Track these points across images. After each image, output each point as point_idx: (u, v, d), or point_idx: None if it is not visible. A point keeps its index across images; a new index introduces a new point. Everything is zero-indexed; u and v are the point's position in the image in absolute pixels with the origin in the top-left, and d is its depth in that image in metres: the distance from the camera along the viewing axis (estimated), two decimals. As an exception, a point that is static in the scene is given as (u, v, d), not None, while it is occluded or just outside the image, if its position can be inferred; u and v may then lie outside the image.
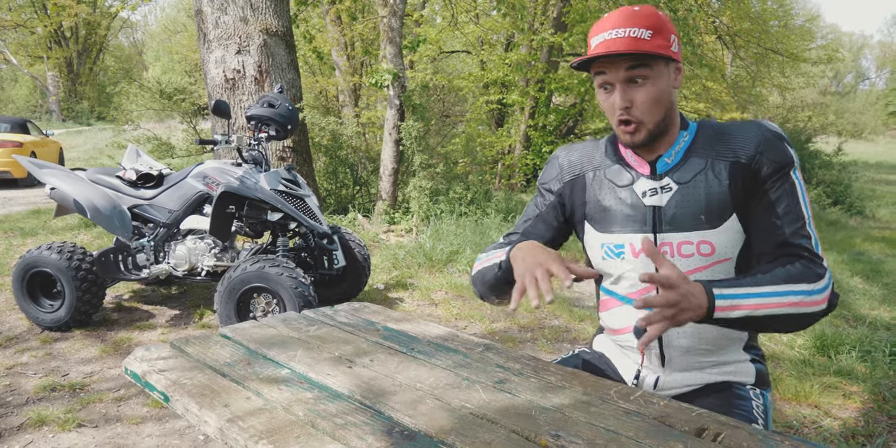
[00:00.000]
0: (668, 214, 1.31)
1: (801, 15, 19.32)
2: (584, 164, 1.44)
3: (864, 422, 2.65)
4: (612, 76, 1.26)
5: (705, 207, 1.29)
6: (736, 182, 1.27)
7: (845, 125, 26.54)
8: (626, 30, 1.23)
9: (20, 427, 2.54)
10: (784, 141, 1.28)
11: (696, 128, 1.35)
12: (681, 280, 1.10)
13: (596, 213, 1.40)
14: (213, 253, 3.74)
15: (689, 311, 1.10)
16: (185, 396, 1.15)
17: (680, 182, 1.31)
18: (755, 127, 1.29)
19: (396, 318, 1.64)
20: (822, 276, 1.20)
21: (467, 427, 1.04)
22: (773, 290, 1.16)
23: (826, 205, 9.04)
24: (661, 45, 1.24)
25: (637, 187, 1.35)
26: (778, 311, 1.15)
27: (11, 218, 7.32)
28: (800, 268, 1.20)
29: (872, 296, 4.69)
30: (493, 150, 10.83)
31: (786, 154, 1.27)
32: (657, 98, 1.27)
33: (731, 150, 1.29)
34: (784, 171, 1.26)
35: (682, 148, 1.33)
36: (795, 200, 1.26)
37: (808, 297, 1.16)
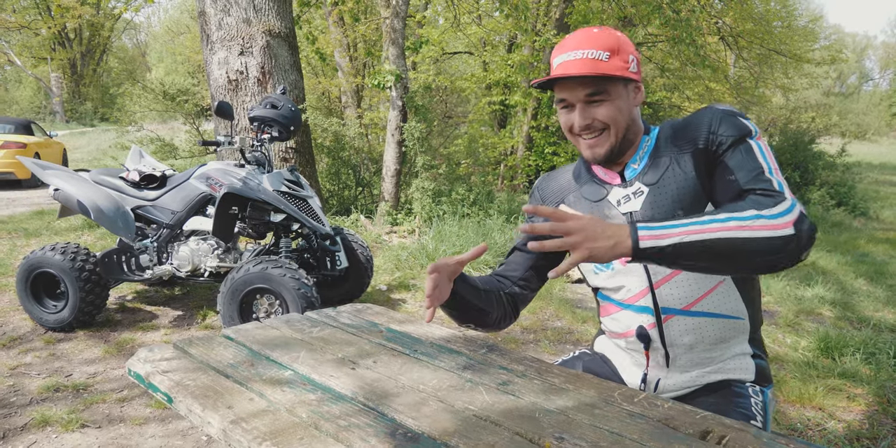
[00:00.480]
0: (645, 217, 1.31)
1: (805, 16, 19.30)
2: (563, 190, 1.47)
3: (868, 424, 2.64)
4: (571, 97, 1.29)
5: (680, 201, 1.28)
6: (700, 168, 1.27)
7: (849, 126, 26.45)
8: (585, 51, 1.26)
9: (24, 427, 2.54)
10: (737, 115, 1.27)
11: (657, 131, 1.37)
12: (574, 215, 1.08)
13: None
14: (216, 254, 3.74)
15: (602, 239, 1.04)
16: (189, 398, 1.15)
17: (649, 183, 1.32)
18: (706, 111, 1.30)
19: (399, 319, 1.64)
20: (779, 202, 1.08)
21: (471, 429, 1.04)
22: (713, 217, 1.06)
23: (830, 206, 9.01)
24: (618, 66, 1.26)
25: (611, 198, 1.36)
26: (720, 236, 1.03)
27: (15, 219, 7.34)
28: (758, 198, 1.11)
29: (877, 297, 4.68)
30: (495, 151, 10.82)
31: (739, 125, 1.26)
32: (616, 115, 1.28)
33: (689, 140, 1.29)
34: (740, 139, 1.24)
35: (647, 152, 1.34)
36: (752, 156, 1.22)
37: (757, 221, 1.04)
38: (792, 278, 5.10)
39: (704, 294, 1.33)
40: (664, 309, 1.35)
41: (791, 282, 4.98)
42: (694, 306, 1.33)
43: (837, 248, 6.65)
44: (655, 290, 1.34)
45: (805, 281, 5.03)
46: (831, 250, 6.51)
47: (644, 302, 1.37)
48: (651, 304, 1.36)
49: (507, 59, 10.63)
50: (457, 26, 10.76)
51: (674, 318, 1.35)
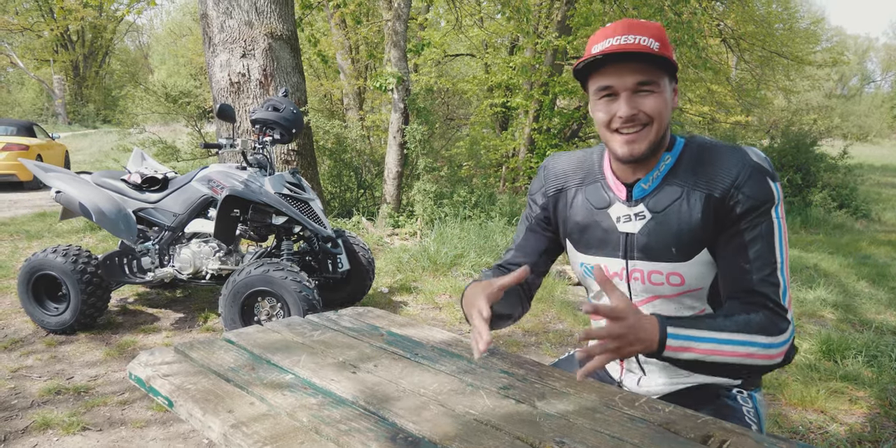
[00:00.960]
0: (640, 242, 1.27)
1: (806, 18, 19.31)
2: (568, 176, 1.40)
3: (870, 427, 2.64)
4: (619, 84, 1.19)
5: (676, 240, 1.24)
6: (708, 216, 1.21)
7: (851, 128, 26.46)
8: (636, 37, 1.17)
9: (25, 430, 2.55)
10: (767, 174, 1.19)
11: (681, 149, 1.28)
12: (629, 312, 1.06)
13: (574, 232, 1.37)
14: (218, 256, 3.75)
15: (637, 344, 1.06)
16: (189, 401, 1.15)
17: (654, 210, 1.26)
18: (738, 156, 1.21)
19: (401, 322, 1.64)
20: (783, 331, 1.15)
21: (471, 433, 1.04)
22: (730, 338, 1.11)
23: (832, 208, 8.99)
24: (669, 58, 1.18)
25: (612, 212, 1.31)
26: (729, 360, 1.11)
27: (17, 221, 7.35)
28: (762, 319, 1.15)
29: (879, 300, 4.67)
30: (497, 153, 10.83)
31: (766, 190, 1.19)
32: (662, 109, 1.20)
33: (709, 180, 1.22)
34: (762, 209, 1.19)
35: (662, 173, 1.26)
36: (770, 243, 1.19)
37: (764, 350, 1.12)
38: (794, 281, 5.09)
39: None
40: None
41: (793, 284, 4.97)
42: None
43: (839, 251, 6.64)
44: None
45: (807, 283, 5.02)
46: (833, 252, 6.50)
47: None
48: None
49: (509, 62, 10.64)
50: (458, 28, 10.78)
51: None
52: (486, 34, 11.58)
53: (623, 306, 1.05)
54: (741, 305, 1.18)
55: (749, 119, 14.87)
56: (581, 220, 1.35)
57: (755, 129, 14.51)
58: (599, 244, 1.33)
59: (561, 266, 5.36)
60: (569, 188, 1.38)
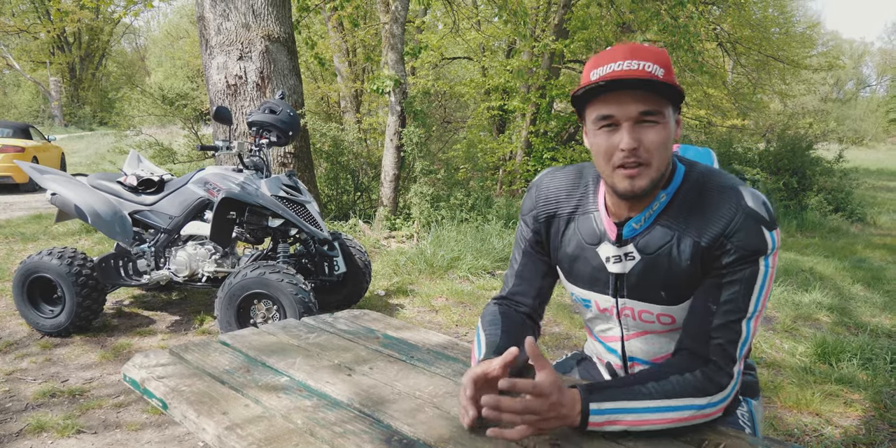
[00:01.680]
0: (630, 283, 1.23)
1: (802, 22, 19.38)
2: (560, 202, 1.31)
3: (865, 430, 2.64)
4: (621, 113, 1.10)
5: (665, 285, 1.20)
6: (696, 264, 1.16)
7: (846, 132, 26.58)
8: (640, 62, 1.09)
9: (19, 433, 2.54)
10: (762, 223, 1.11)
11: (678, 186, 1.19)
12: (552, 389, 1.00)
13: (565, 263, 1.32)
14: (214, 259, 3.74)
15: (556, 420, 1.01)
16: (184, 404, 1.15)
17: (644, 252, 1.20)
18: (733, 202, 1.13)
19: (396, 325, 1.64)
20: (723, 388, 1.09)
21: (466, 436, 1.04)
22: (660, 405, 1.05)
23: (827, 212, 9.03)
24: (675, 86, 1.10)
25: (601, 251, 1.25)
26: (661, 427, 1.06)
27: (12, 223, 7.33)
28: (699, 378, 1.08)
29: (874, 303, 4.68)
30: (494, 156, 10.84)
31: (758, 240, 1.11)
32: (666, 142, 1.12)
33: (699, 226, 1.15)
34: (751, 258, 1.12)
35: (654, 213, 1.19)
36: (747, 290, 1.12)
37: (699, 411, 1.07)
38: (789, 284, 5.10)
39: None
40: (631, 357, 1.34)
41: (788, 287, 4.98)
42: (662, 360, 1.30)
43: (835, 254, 6.66)
44: (626, 341, 1.33)
45: (802, 286, 5.03)
46: (829, 256, 6.52)
47: (614, 346, 1.35)
48: (619, 351, 1.35)
49: (506, 65, 10.67)
50: (456, 32, 10.80)
51: (640, 366, 1.34)
52: (484, 37, 11.60)
53: (546, 383, 1.00)
54: (678, 361, 1.12)
55: (745, 123, 14.92)
56: (571, 253, 1.30)
57: (751, 133, 14.56)
58: (589, 280, 1.29)
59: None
60: (560, 216, 1.31)
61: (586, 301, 1.33)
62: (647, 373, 1.11)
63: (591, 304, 1.32)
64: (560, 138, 10.73)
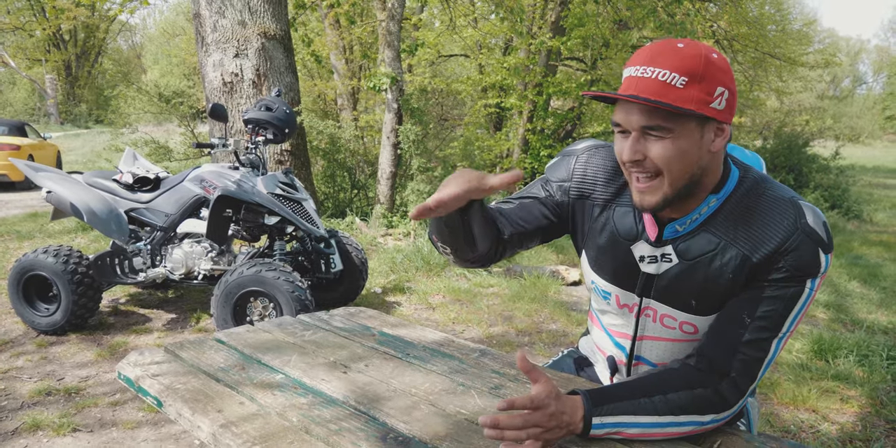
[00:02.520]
0: (660, 285, 1.17)
1: (799, 19, 19.38)
2: (597, 185, 1.23)
3: (861, 426, 2.65)
4: (626, 123, 1.05)
5: (699, 294, 1.14)
6: (739, 278, 1.09)
7: (843, 129, 26.63)
8: (658, 70, 1.00)
9: (15, 431, 2.53)
10: (820, 245, 1.05)
11: (730, 191, 1.12)
12: (550, 400, 0.99)
13: (592, 250, 1.26)
14: (210, 257, 3.73)
15: (558, 429, 0.99)
16: (179, 401, 1.14)
17: (682, 257, 1.13)
18: (791, 218, 1.06)
19: (392, 323, 1.64)
20: (731, 406, 1.06)
21: (462, 433, 1.04)
22: (664, 420, 1.03)
23: (824, 209, 9.05)
24: (694, 98, 1.00)
25: (636, 249, 1.18)
26: (662, 439, 1.04)
27: (8, 221, 7.30)
28: (710, 395, 1.05)
29: (870, 300, 4.69)
30: (491, 153, 10.83)
31: (813, 263, 1.05)
32: (678, 157, 1.03)
33: (750, 239, 1.08)
34: (799, 280, 1.06)
35: (701, 217, 1.12)
36: (787, 309, 1.07)
37: (700, 427, 1.05)
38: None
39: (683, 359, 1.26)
40: (638, 357, 1.30)
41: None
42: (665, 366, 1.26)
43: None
44: (637, 341, 1.28)
45: (799, 283, 5.04)
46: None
47: (623, 342, 1.31)
48: (628, 348, 1.30)
49: (503, 62, 10.64)
50: (453, 29, 10.77)
51: (645, 366, 1.30)
52: (481, 35, 11.58)
53: (543, 395, 0.99)
54: (691, 373, 1.08)
55: (742, 120, 14.94)
56: (602, 244, 1.23)
57: (748, 130, 14.58)
58: (616, 274, 1.23)
59: (555, 266, 5.36)
60: (595, 199, 1.23)
61: (606, 293, 1.26)
62: (654, 381, 1.07)
63: (611, 298, 1.26)
64: (557, 136, 10.72)
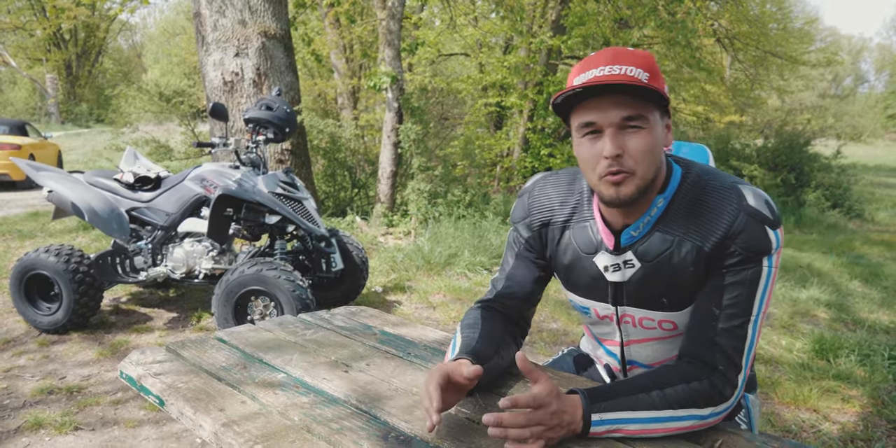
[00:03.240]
0: (629, 291, 1.20)
1: (800, 18, 19.36)
2: (554, 210, 1.27)
3: (863, 426, 2.65)
4: (603, 119, 1.06)
5: (667, 292, 1.17)
6: (699, 269, 1.12)
7: (844, 128, 26.60)
8: (622, 67, 1.05)
9: (17, 430, 2.53)
10: (766, 222, 1.08)
11: (675, 189, 1.15)
12: (551, 398, 1.00)
13: (562, 271, 1.30)
14: (211, 256, 3.73)
15: (560, 427, 1.00)
16: (181, 400, 1.14)
17: (643, 260, 1.16)
18: (733, 202, 1.09)
19: (393, 322, 1.64)
20: (727, 398, 1.07)
21: (463, 432, 1.04)
22: (663, 415, 1.03)
23: (825, 208, 9.04)
24: (659, 89, 1.06)
25: (598, 260, 1.21)
26: (661, 435, 1.05)
27: (9, 220, 7.31)
28: (705, 388, 1.06)
29: (872, 299, 4.69)
30: (491, 152, 10.83)
31: (762, 241, 1.08)
32: (653, 148, 1.08)
33: (700, 230, 1.11)
34: (755, 258, 1.09)
35: (652, 219, 1.15)
36: (751, 292, 1.09)
37: (701, 421, 1.05)
38: (787, 280, 5.11)
39: (674, 356, 1.26)
40: (631, 361, 1.33)
41: (786, 283, 4.99)
42: (661, 365, 1.28)
43: (833, 250, 6.66)
44: (625, 347, 1.31)
45: (800, 282, 5.04)
46: (826, 252, 6.53)
47: (614, 350, 1.34)
48: (619, 354, 1.33)
49: (504, 61, 10.65)
50: (453, 28, 10.77)
51: (639, 369, 1.32)
52: (481, 33, 11.58)
53: (544, 394, 0.99)
54: (686, 367, 1.09)
55: (743, 119, 14.93)
56: (568, 263, 1.26)
57: (749, 129, 14.56)
58: (588, 288, 1.26)
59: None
60: (555, 224, 1.27)
61: (585, 308, 1.31)
62: (651, 378, 1.08)
63: (591, 312, 1.30)
64: (557, 134, 10.71)
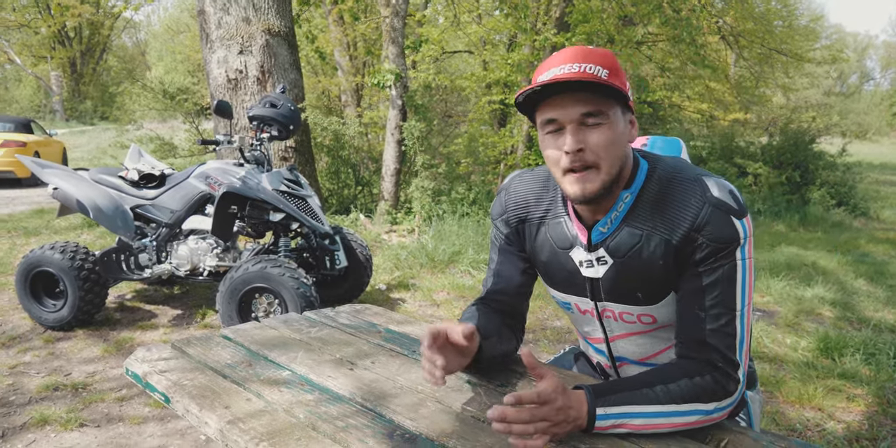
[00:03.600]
0: (605, 287, 1.21)
1: (806, 15, 19.26)
2: (529, 206, 1.29)
3: (868, 425, 2.64)
4: (564, 116, 1.08)
5: (641, 286, 1.17)
6: (669, 263, 1.12)
7: (849, 126, 26.45)
8: (582, 65, 1.07)
9: (23, 426, 2.54)
10: (730, 212, 1.08)
11: (642, 184, 1.16)
12: (557, 394, 0.99)
13: (541, 266, 1.30)
14: (215, 253, 3.74)
15: (566, 424, 1.00)
16: (186, 398, 1.14)
17: (615, 256, 1.17)
18: (697, 194, 1.10)
19: (398, 320, 1.64)
20: (730, 393, 1.07)
21: (469, 430, 1.04)
22: (668, 410, 1.03)
23: (830, 206, 9.01)
24: (619, 86, 1.07)
25: (574, 255, 1.22)
26: (666, 431, 1.04)
27: (15, 217, 7.34)
28: (708, 383, 1.06)
29: (877, 298, 4.67)
30: (495, 150, 10.81)
31: (728, 231, 1.08)
32: (614, 142, 1.09)
33: (667, 223, 1.11)
34: (724, 251, 1.08)
35: (620, 214, 1.16)
36: (730, 288, 1.09)
37: (706, 416, 1.05)
38: (792, 278, 5.09)
39: (661, 350, 1.27)
40: (619, 357, 1.33)
41: (791, 282, 4.97)
42: (650, 359, 1.29)
43: (837, 248, 6.64)
44: (611, 342, 1.31)
45: (805, 281, 5.02)
46: (831, 250, 6.51)
47: (600, 347, 1.34)
48: (606, 351, 1.34)
49: (507, 59, 10.62)
50: (457, 25, 10.76)
51: (629, 366, 1.33)
52: (485, 31, 11.55)
53: (549, 390, 0.99)
54: (687, 364, 1.09)
55: (748, 117, 14.88)
56: (545, 259, 1.27)
57: (754, 127, 14.53)
58: (566, 284, 1.27)
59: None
60: (531, 220, 1.28)
61: (566, 303, 1.31)
62: (654, 374, 1.08)
63: (572, 307, 1.30)
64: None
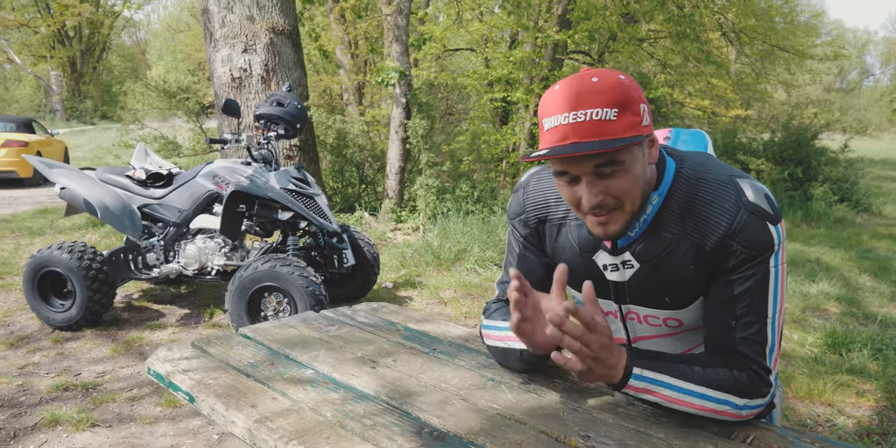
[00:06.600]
0: (631, 290, 1.19)
1: (806, 11, 19.23)
2: (549, 206, 1.24)
3: (878, 420, 2.65)
4: (576, 170, 1.04)
5: (669, 290, 1.14)
6: (700, 269, 1.10)
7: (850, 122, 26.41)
8: (587, 111, 0.99)
9: (34, 427, 2.55)
10: (766, 218, 1.04)
11: (670, 185, 1.11)
12: (605, 330, 0.98)
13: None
14: (224, 252, 3.74)
15: (602, 366, 0.98)
16: (211, 397, 1.15)
17: (642, 260, 1.14)
18: (731, 199, 1.06)
19: (416, 318, 1.64)
20: (763, 395, 1.06)
21: (496, 428, 1.04)
22: (701, 391, 1.03)
23: (833, 202, 9.00)
24: (631, 124, 1.00)
25: (598, 259, 1.19)
26: (692, 411, 1.04)
27: (18, 217, 7.34)
28: (746, 379, 1.05)
29: (881, 293, 4.68)
30: (497, 148, 10.81)
31: (764, 238, 1.04)
32: (635, 183, 1.05)
33: (699, 228, 1.08)
34: (760, 257, 1.05)
35: (648, 217, 1.12)
36: (762, 296, 1.06)
37: (734, 410, 1.04)
38: (797, 274, 5.10)
39: (685, 351, 1.25)
40: None
41: (796, 278, 4.98)
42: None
43: (841, 244, 6.64)
44: (633, 344, 1.30)
45: (810, 277, 5.03)
46: (835, 246, 6.51)
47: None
48: None
49: (509, 56, 10.61)
50: (459, 23, 10.75)
51: None
52: (487, 28, 11.54)
53: (600, 321, 0.97)
54: (735, 358, 1.08)
55: (749, 113, 14.87)
56: (567, 260, 1.23)
57: (755, 123, 14.52)
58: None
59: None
60: (552, 220, 1.24)
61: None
62: (696, 357, 1.08)
63: None
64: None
